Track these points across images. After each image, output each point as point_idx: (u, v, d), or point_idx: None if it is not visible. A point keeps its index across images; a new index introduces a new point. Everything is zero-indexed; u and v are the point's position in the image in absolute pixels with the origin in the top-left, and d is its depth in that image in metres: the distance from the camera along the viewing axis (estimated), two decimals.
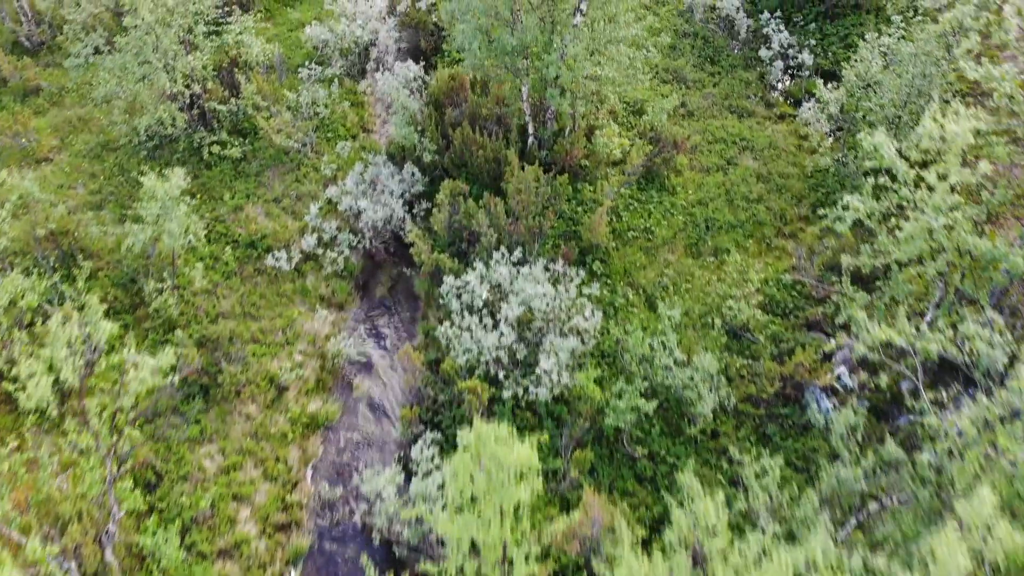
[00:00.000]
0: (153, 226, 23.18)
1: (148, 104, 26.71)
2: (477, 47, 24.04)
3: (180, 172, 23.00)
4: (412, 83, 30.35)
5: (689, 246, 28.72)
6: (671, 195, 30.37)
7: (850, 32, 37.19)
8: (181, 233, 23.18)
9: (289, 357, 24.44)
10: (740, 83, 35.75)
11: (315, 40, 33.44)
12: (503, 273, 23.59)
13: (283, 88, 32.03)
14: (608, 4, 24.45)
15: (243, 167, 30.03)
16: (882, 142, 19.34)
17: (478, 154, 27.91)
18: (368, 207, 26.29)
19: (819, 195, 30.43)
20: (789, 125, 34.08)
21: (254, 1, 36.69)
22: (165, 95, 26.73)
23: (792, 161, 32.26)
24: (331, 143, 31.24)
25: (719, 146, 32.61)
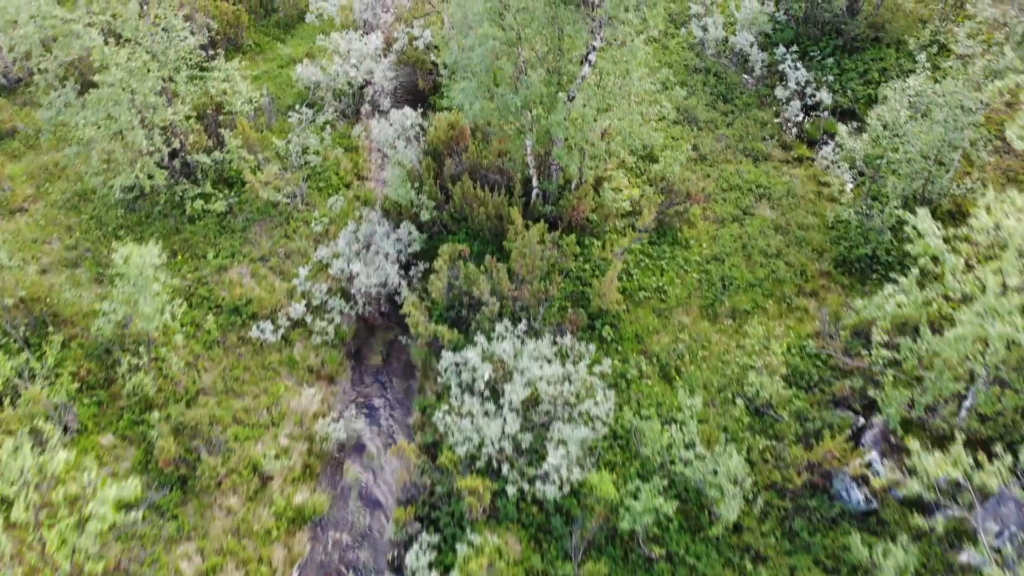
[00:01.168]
0: (125, 307, 21.32)
1: (123, 163, 24.82)
2: (479, 108, 22.22)
3: (155, 249, 21.08)
4: (409, 131, 28.50)
5: (705, 307, 26.87)
6: (684, 249, 28.52)
7: (870, 67, 35.40)
8: (155, 314, 21.29)
9: (274, 441, 22.56)
10: (755, 123, 33.93)
11: (306, 80, 31.59)
12: (506, 349, 21.75)
13: (272, 135, 30.16)
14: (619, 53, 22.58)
15: (228, 221, 28.16)
16: (927, 228, 17.49)
17: (479, 211, 26.07)
18: (361, 271, 24.44)
19: (841, 248, 28.58)
20: (807, 169, 32.25)
21: (242, 34, 34.82)
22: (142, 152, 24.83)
23: (811, 210, 30.43)
24: (323, 193, 29.39)
25: (734, 194, 30.77)
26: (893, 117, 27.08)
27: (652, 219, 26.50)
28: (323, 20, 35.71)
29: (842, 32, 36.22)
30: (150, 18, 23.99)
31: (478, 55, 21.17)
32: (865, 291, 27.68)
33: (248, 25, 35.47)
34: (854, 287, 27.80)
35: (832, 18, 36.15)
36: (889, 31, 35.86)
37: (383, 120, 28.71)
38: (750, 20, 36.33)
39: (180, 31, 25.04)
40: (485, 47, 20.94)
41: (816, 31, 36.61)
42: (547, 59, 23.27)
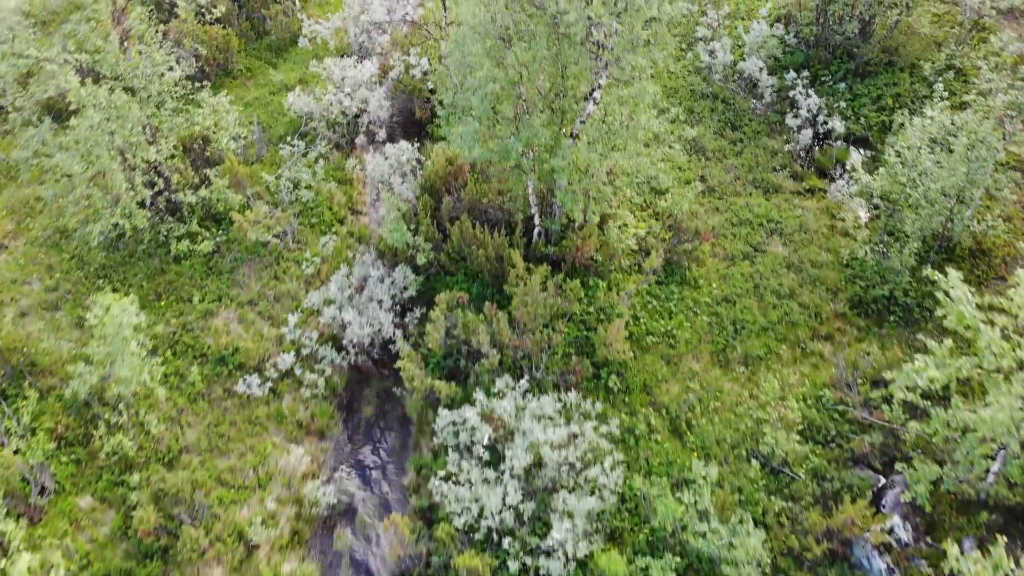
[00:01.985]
0: (101, 369, 20.03)
1: (102, 208, 23.51)
2: (478, 152, 20.96)
3: (133, 308, 19.77)
4: (405, 165, 27.24)
5: (716, 353, 25.59)
6: (693, 289, 27.25)
7: (883, 93, 34.12)
8: (133, 377, 19.99)
9: (261, 505, 21.27)
10: (765, 152, 32.65)
11: (298, 109, 30.31)
12: (507, 408, 20.48)
13: (262, 169, 28.87)
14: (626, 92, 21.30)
15: (216, 261, 26.88)
16: (960, 295, 16.21)
17: (478, 253, 24.80)
18: (354, 319, 23.16)
19: (857, 288, 27.31)
20: (820, 201, 30.98)
21: (232, 59, 33.54)
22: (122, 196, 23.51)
23: (825, 245, 29.16)
24: (316, 230, 28.10)
25: (744, 229, 29.49)
26: (912, 155, 25.79)
27: (660, 261, 25.22)
28: (316, 44, 34.45)
29: (854, 56, 34.97)
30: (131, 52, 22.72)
31: (478, 98, 19.91)
32: (882, 334, 26.46)
33: (238, 49, 34.21)
34: (870, 329, 26.55)
35: (844, 41, 34.89)
36: (903, 55, 34.59)
37: (378, 154, 27.45)
38: (759, 43, 35.08)
39: (163, 64, 23.73)
40: (485, 90, 19.67)
41: (827, 54, 35.35)
42: (549, 95, 22.00)
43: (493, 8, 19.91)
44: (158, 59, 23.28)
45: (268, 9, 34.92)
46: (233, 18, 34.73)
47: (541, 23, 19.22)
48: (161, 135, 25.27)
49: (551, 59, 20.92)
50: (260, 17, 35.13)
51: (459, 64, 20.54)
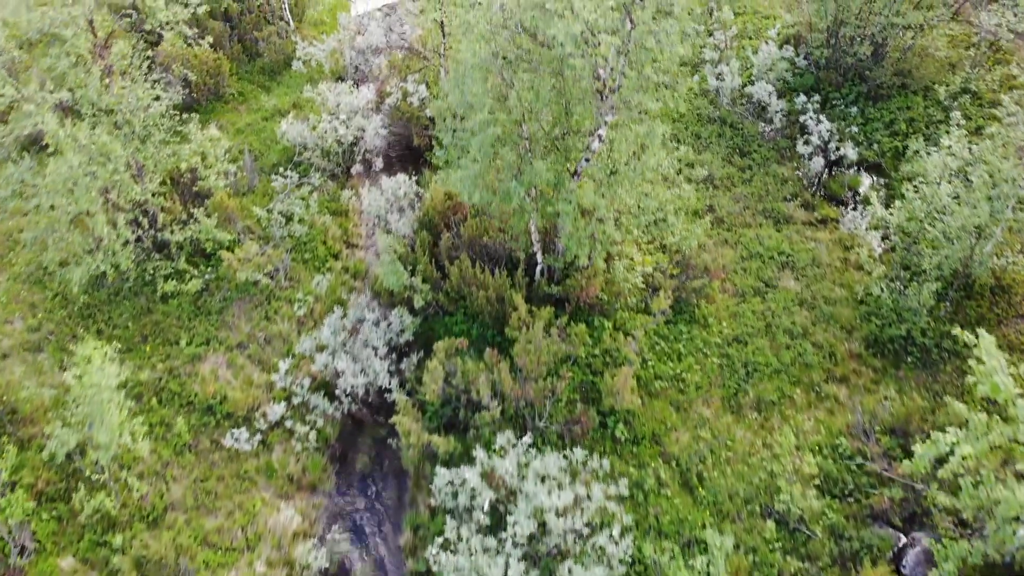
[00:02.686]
0: (79, 433, 18.91)
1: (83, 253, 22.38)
2: (478, 198, 19.86)
3: (113, 368, 18.63)
4: (402, 200, 26.16)
5: (727, 398, 24.49)
6: (703, 329, 26.15)
7: (896, 117, 33.05)
8: (112, 443, 18.85)
9: (249, 568, 20.16)
10: (775, 180, 31.56)
11: (292, 138, 29.20)
12: (508, 468, 19.38)
13: (253, 202, 27.75)
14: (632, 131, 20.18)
15: (204, 301, 25.77)
16: (994, 364, 15.11)
17: (479, 294, 23.70)
18: (347, 368, 22.05)
19: (872, 327, 26.22)
20: (832, 232, 29.89)
21: (223, 84, 32.42)
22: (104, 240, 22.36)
23: (838, 280, 28.08)
24: (309, 266, 27.00)
25: (755, 263, 28.39)
26: (931, 190, 24.69)
27: (668, 302, 24.12)
28: (311, 67, 33.36)
29: (866, 78, 33.88)
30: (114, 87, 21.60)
31: (478, 142, 18.82)
32: (899, 376, 25.39)
33: (230, 73, 33.10)
34: (887, 371, 25.47)
35: (856, 63, 33.81)
36: (916, 78, 33.52)
37: (374, 187, 26.38)
38: (768, 66, 34.00)
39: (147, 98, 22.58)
40: (486, 133, 18.57)
41: (838, 76, 34.26)
42: (553, 132, 20.87)
43: (495, 43, 18.80)
44: (142, 95, 22.15)
45: (261, 31, 33.82)
46: (224, 40, 33.63)
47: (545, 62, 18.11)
48: (147, 170, 24.15)
49: (555, 97, 19.83)
50: (252, 39, 34.04)
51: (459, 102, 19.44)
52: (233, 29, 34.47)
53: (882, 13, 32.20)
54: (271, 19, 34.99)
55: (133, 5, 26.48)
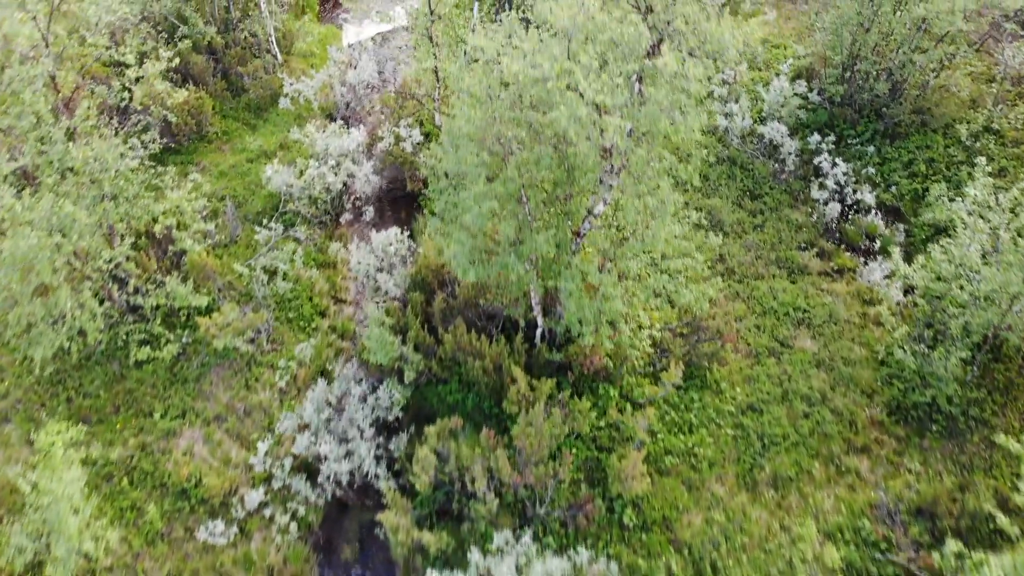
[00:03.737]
0: (37, 543, 17.17)
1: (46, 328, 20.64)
2: (474, 275, 18.18)
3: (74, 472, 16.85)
4: (393, 256, 24.46)
5: (742, 474, 22.81)
6: (716, 395, 24.47)
7: (915, 157, 31.36)
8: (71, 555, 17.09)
9: None
10: (788, 226, 29.87)
11: (277, 186, 27.46)
12: (506, 574, 17.67)
13: (234, 259, 26.00)
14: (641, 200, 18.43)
15: (181, 367, 24.03)
16: None
17: (475, 365, 22.00)
18: (331, 451, 20.32)
19: (895, 391, 24.61)
20: (850, 284, 28.21)
21: (206, 123, 30.67)
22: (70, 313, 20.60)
23: (858, 338, 26.42)
24: (293, 325, 25.27)
25: (769, 320, 26.71)
26: (961, 253, 23.01)
27: (679, 374, 22.42)
28: (299, 104, 31.63)
29: (883, 115, 32.21)
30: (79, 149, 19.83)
31: (473, 216, 17.12)
32: (923, 446, 23.76)
33: (213, 111, 31.35)
34: (911, 440, 23.83)
35: (872, 99, 32.15)
36: (936, 115, 31.85)
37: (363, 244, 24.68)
38: (780, 103, 32.31)
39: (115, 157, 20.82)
40: (482, 207, 16.87)
41: (853, 113, 32.58)
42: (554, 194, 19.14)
43: (491, 110, 17.10)
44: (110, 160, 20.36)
45: (246, 66, 32.09)
46: (208, 76, 31.90)
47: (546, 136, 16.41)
48: (119, 231, 22.40)
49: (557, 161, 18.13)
50: (238, 74, 32.31)
51: (453, 170, 17.76)
52: (217, 63, 32.76)
53: (901, 48, 30.56)
54: (258, 52, 33.28)
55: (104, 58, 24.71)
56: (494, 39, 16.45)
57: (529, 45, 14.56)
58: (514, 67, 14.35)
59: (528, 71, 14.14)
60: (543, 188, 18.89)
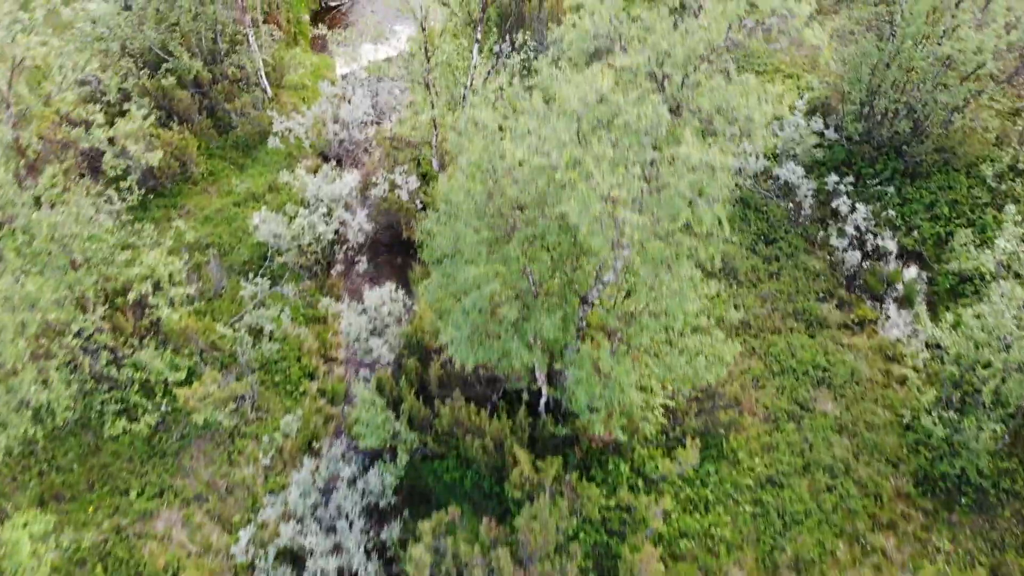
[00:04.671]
0: None
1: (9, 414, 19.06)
2: (472, 361, 16.63)
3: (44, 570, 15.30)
4: (387, 317, 22.90)
5: (761, 557, 21.25)
6: (733, 466, 22.91)
7: (937, 198, 29.78)
8: None
9: None
10: (805, 275, 28.29)
11: (265, 236, 25.87)
12: None
13: (219, 311, 24.41)
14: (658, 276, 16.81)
15: (159, 439, 22.45)
16: None
17: (474, 443, 20.41)
18: (317, 547, 18.74)
19: (922, 460, 23.13)
20: (871, 338, 26.64)
21: (191, 164, 29.08)
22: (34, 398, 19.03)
23: (881, 399, 24.87)
24: (280, 390, 23.69)
25: (788, 380, 25.14)
26: (997, 320, 21.44)
27: (695, 454, 20.85)
28: (288, 142, 30.05)
29: (903, 152, 30.63)
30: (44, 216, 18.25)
31: (472, 300, 15.56)
32: (952, 521, 22.23)
33: (199, 150, 29.74)
34: (938, 514, 22.30)
35: (891, 135, 30.58)
36: (959, 154, 30.27)
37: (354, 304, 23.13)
38: (795, 140, 30.72)
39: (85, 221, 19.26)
40: (483, 290, 15.31)
41: (872, 151, 31.01)
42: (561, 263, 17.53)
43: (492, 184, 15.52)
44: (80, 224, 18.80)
45: (233, 102, 30.49)
46: (193, 112, 30.31)
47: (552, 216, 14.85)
48: (90, 299, 20.82)
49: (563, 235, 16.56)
50: (225, 110, 30.71)
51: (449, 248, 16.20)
52: (203, 99, 31.16)
53: (923, 85, 28.99)
54: (246, 86, 31.69)
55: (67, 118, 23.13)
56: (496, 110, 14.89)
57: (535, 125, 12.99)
58: (518, 152, 12.81)
59: (534, 159, 12.59)
60: (548, 257, 17.30)
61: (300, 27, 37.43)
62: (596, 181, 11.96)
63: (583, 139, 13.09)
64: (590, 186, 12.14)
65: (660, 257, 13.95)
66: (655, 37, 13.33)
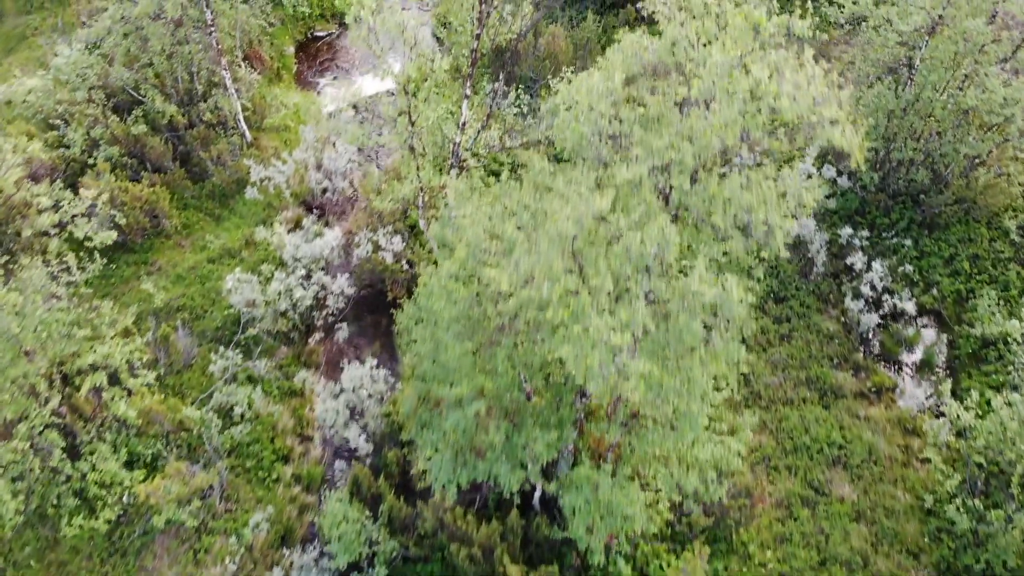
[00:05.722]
0: None
1: None
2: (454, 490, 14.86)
3: None
4: (367, 400, 21.13)
5: None
6: (743, 561, 21.13)
7: (957, 252, 28.05)
8: None
9: None
10: (818, 337, 26.51)
11: (238, 302, 24.06)
12: None
13: (183, 400, 22.58)
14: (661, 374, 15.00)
15: (120, 535, 20.64)
16: None
17: (460, 551, 18.60)
18: None
19: (944, 550, 21.38)
20: (889, 408, 24.91)
21: (163, 219, 27.26)
22: None
23: (900, 479, 23.13)
24: (252, 476, 21.89)
25: (801, 460, 23.37)
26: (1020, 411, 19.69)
27: (703, 561, 19.06)
28: (268, 192, 28.25)
29: (920, 202, 28.87)
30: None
31: (454, 420, 13.78)
32: None
33: (172, 201, 27.88)
34: None
35: (908, 183, 28.82)
36: (981, 205, 28.50)
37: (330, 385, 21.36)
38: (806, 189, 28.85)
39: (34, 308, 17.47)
40: (467, 411, 13.53)
41: (887, 199, 29.24)
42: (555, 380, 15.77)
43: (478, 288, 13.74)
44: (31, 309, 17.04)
45: (209, 150, 28.66)
46: (167, 160, 28.50)
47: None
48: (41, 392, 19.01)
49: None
50: (200, 157, 28.86)
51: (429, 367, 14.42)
52: (178, 144, 29.32)
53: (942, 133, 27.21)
54: (224, 130, 29.85)
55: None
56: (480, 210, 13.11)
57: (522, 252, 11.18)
58: (504, 281, 11.03)
59: (522, 292, 10.82)
60: (538, 362, 15.50)
61: (284, 60, 35.61)
62: (594, 328, 10.18)
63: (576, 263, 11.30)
64: (586, 327, 10.37)
65: (668, 389, 12.17)
66: (660, 142, 11.53)
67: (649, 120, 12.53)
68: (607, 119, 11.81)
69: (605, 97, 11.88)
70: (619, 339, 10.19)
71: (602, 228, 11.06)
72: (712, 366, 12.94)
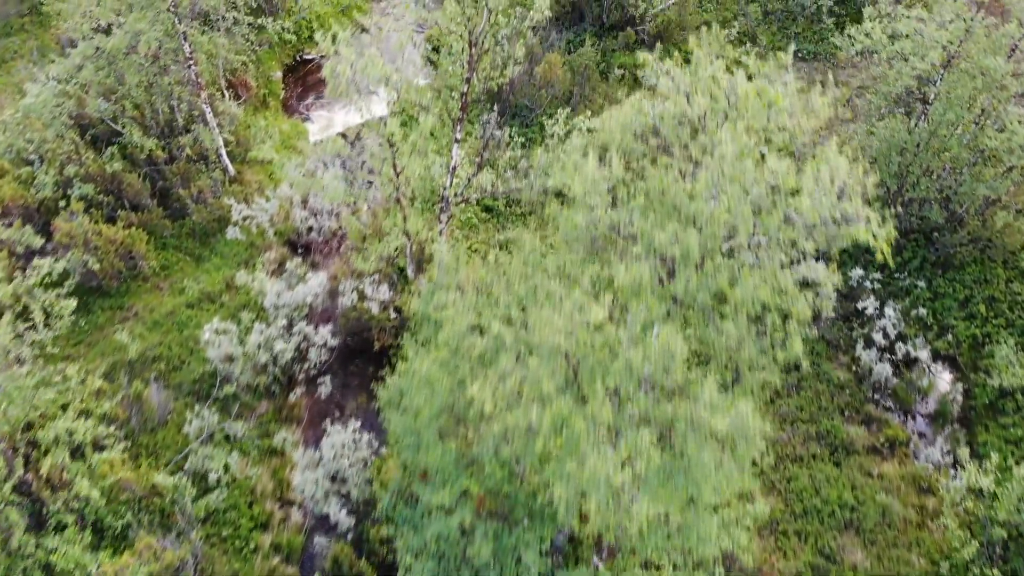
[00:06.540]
0: None
1: None
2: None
3: None
4: (348, 469, 19.86)
5: None
6: None
7: (973, 294, 26.79)
8: None
9: None
10: (828, 387, 25.25)
11: (214, 356, 22.78)
12: None
13: (154, 467, 21.28)
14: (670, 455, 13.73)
15: None
16: None
17: None
18: None
19: None
20: (903, 464, 23.67)
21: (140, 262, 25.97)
22: None
23: (915, 542, 21.88)
24: (229, 545, 20.62)
25: (812, 524, 22.12)
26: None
27: None
28: (251, 232, 26.96)
29: (934, 240, 27.60)
30: None
31: (436, 528, 12.50)
32: None
33: (150, 241, 26.53)
34: None
35: (920, 221, 27.55)
36: (997, 244, 27.22)
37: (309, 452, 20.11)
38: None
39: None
40: (450, 521, 12.25)
41: (900, 237, 27.90)
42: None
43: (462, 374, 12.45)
44: None
45: (189, 187, 27.34)
46: (145, 198, 27.19)
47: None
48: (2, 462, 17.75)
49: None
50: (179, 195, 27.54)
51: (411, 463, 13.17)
52: (158, 180, 28.02)
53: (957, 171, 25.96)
54: (206, 164, 28.52)
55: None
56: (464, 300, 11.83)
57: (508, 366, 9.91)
58: (487, 402, 9.74)
59: (508, 417, 9.55)
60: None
61: (271, 86, 34.26)
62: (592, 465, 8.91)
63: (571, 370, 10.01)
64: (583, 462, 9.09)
65: (675, 524, 10.90)
66: (663, 235, 10.25)
67: (651, 197, 11.28)
68: (604, 210, 10.54)
69: (602, 183, 10.60)
70: (620, 477, 8.91)
71: (599, 337, 9.79)
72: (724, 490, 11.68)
